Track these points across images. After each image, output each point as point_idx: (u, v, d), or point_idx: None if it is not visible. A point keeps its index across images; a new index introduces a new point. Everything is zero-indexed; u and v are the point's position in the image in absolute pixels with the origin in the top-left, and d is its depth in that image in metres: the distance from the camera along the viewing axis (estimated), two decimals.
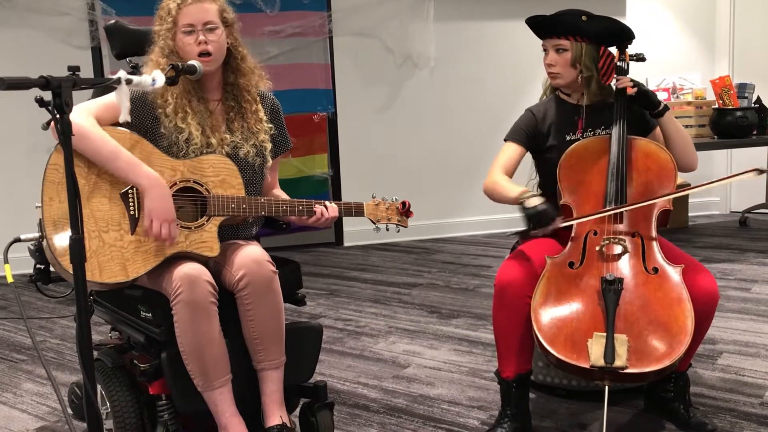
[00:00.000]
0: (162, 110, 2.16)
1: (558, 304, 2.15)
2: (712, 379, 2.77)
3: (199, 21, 2.14)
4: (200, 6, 2.15)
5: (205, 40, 2.14)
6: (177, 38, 2.16)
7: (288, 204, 2.21)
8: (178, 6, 2.14)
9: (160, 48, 2.17)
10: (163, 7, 2.18)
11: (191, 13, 2.14)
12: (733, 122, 4.81)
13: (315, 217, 2.22)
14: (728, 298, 3.76)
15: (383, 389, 2.81)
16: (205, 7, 2.16)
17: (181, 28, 2.14)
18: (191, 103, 2.17)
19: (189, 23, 2.14)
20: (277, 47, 5.12)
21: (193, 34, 2.14)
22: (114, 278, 1.99)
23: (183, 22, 2.14)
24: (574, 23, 2.38)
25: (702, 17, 6.03)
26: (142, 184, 2.02)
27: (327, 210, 2.23)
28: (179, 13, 2.14)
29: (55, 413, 2.69)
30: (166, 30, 2.16)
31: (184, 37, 2.14)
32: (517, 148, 2.48)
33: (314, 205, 2.22)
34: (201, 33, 2.14)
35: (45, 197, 1.95)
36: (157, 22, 2.19)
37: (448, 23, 5.48)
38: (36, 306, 4.07)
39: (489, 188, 2.43)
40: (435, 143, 5.60)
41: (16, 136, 4.80)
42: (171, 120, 2.15)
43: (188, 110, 2.16)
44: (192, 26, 2.14)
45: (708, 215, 6.14)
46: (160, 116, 2.16)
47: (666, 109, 2.44)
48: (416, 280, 4.45)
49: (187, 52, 2.15)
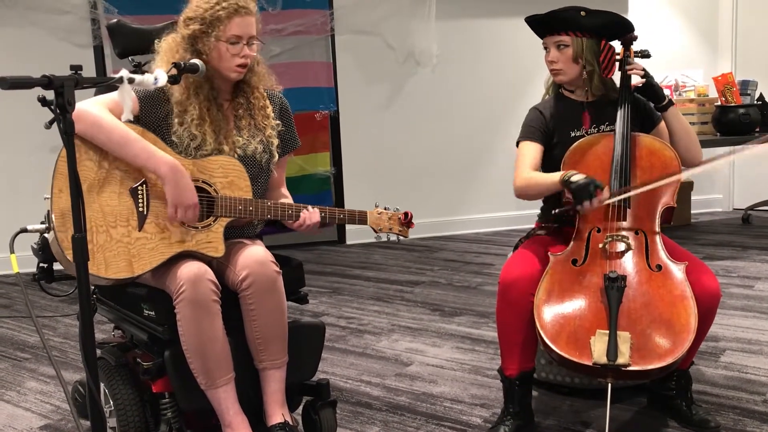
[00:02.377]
0: (178, 119, 2.15)
1: (561, 302, 2.15)
2: (715, 376, 2.77)
3: (247, 34, 2.14)
4: (250, 20, 2.14)
5: (247, 54, 2.14)
6: (218, 45, 2.12)
7: (293, 208, 2.21)
8: (228, 15, 2.11)
9: (195, 50, 2.13)
10: (207, 9, 2.12)
11: (241, 25, 2.12)
12: (735, 119, 4.80)
13: (298, 222, 2.20)
14: (731, 296, 3.76)
15: (386, 387, 2.81)
16: (252, 20, 2.15)
17: (227, 37, 2.12)
18: (210, 112, 2.17)
19: (237, 35, 2.12)
20: (279, 45, 5.12)
21: (238, 45, 2.13)
22: (119, 274, 1.99)
23: (231, 32, 2.11)
24: (574, 19, 2.38)
25: (704, 14, 6.02)
26: (161, 171, 2.01)
27: (309, 215, 2.20)
28: (230, 23, 2.11)
29: (59, 411, 2.69)
30: (215, 37, 2.11)
31: (229, 48, 2.12)
32: (535, 146, 2.45)
33: (301, 209, 2.21)
34: (246, 47, 2.14)
35: (54, 189, 1.95)
36: (195, 23, 2.13)
37: (450, 21, 5.48)
38: (39, 305, 4.08)
39: (524, 185, 2.37)
40: (437, 141, 5.60)
41: (20, 134, 4.81)
42: (186, 128, 2.14)
43: (207, 118, 2.16)
44: (239, 38, 2.13)
45: (711, 212, 6.13)
46: (174, 125, 2.15)
47: (671, 104, 2.44)
48: (419, 278, 4.45)
49: (224, 61, 2.13)
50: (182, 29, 2.16)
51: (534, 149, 2.44)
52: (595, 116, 2.47)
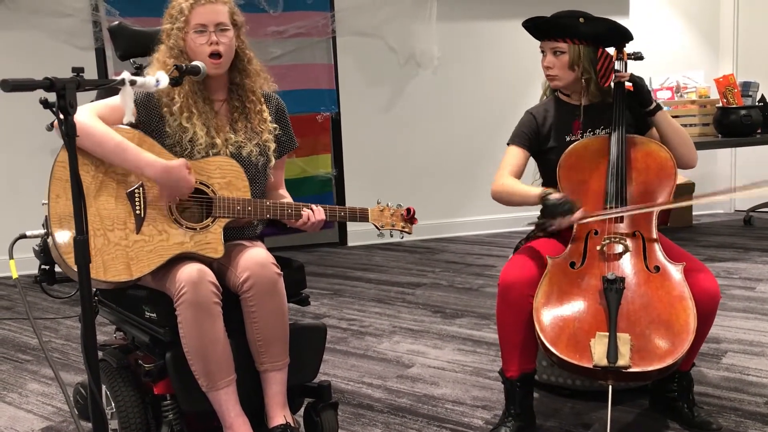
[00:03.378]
0: (167, 109, 2.17)
1: (560, 305, 2.15)
2: (716, 378, 2.77)
3: (212, 21, 2.15)
4: (213, 7, 2.15)
5: (216, 41, 2.15)
6: (188, 38, 2.16)
7: (293, 207, 2.22)
8: (190, 5, 2.14)
9: (169, 47, 2.18)
10: (174, 5, 2.18)
11: (204, 13, 2.14)
12: (737, 121, 4.80)
13: (302, 220, 2.21)
14: (732, 297, 3.75)
15: (387, 389, 2.81)
16: (217, 8, 2.16)
17: (192, 27, 2.14)
18: (197, 104, 2.18)
19: (201, 23, 2.14)
20: (281, 47, 5.13)
21: (205, 34, 2.14)
22: (118, 277, 2.00)
23: (195, 21, 2.14)
24: (572, 25, 2.37)
25: (706, 15, 6.02)
26: (150, 176, 2.04)
27: (314, 213, 2.22)
28: (192, 12, 2.14)
29: (60, 413, 2.70)
30: (177, 29, 2.16)
31: (196, 37, 2.14)
32: (520, 151, 2.47)
33: (302, 208, 2.21)
34: (213, 34, 2.15)
35: (52, 194, 1.96)
36: (166, 21, 2.19)
37: (450, 23, 5.48)
38: (41, 307, 4.09)
39: (499, 191, 2.41)
40: (438, 143, 5.60)
41: (20, 136, 4.82)
42: (176, 119, 2.16)
43: (194, 110, 2.17)
44: (204, 26, 2.14)
45: (712, 214, 6.12)
46: (165, 115, 2.17)
47: (658, 108, 2.43)
48: (420, 279, 4.45)
49: (197, 53, 2.15)
50: (163, 34, 2.21)
51: (516, 154, 2.46)
52: (591, 120, 2.47)
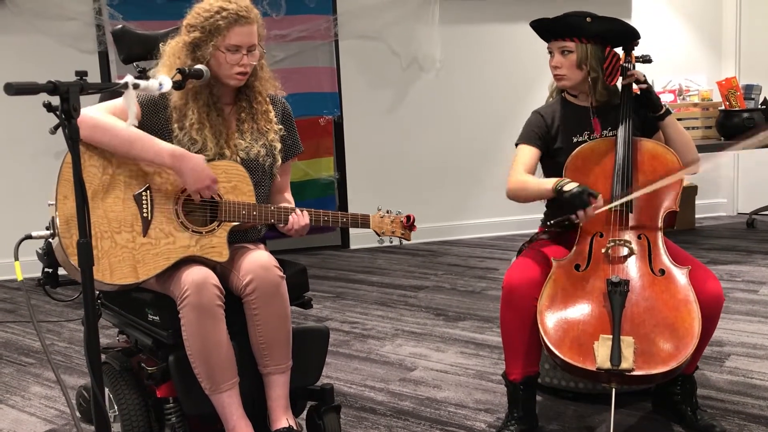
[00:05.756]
0: (178, 124, 2.16)
1: (564, 307, 2.15)
2: (720, 381, 2.76)
3: (247, 43, 2.14)
4: (250, 29, 2.15)
5: (247, 63, 2.15)
6: (218, 53, 2.13)
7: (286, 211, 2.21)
8: (229, 24, 2.11)
9: (195, 57, 2.14)
10: (207, 18, 2.12)
11: (241, 35, 2.13)
12: (739, 124, 4.79)
13: (288, 226, 2.20)
14: (736, 300, 3.75)
15: (390, 392, 2.81)
16: (253, 29, 2.16)
17: (226, 46, 2.12)
18: (209, 117, 2.17)
19: (236, 44, 2.13)
20: (283, 51, 5.13)
21: (238, 54, 2.13)
22: (124, 279, 2.00)
23: (231, 42, 2.12)
24: (579, 25, 2.38)
25: (708, 18, 6.01)
26: (166, 163, 2.04)
27: (298, 218, 2.19)
28: (230, 32, 2.12)
29: (63, 416, 2.70)
30: (213, 46, 2.12)
31: (228, 56, 2.13)
32: (532, 149, 2.47)
33: (291, 213, 2.20)
34: (245, 56, 2.14)
35: (59, 195, 1.96)
36: (197, 30, 2.13)
37: (453, 26, 5.48)
38: (44, 309, 4.09)
39: (517, 188, 2.40)
40: (441, 146, 5.60)
41: (24, 139, 4.82)
42: (186, 133, 2.15)
43: (206, 123, 2.16)
44: (238, 48, 2.13)
45: (715, 216, 6.11)
46: (175, 130, 2.16)
47: (668, 113, 2.44)
48: (423, 282, 4.45)
49: (224, 68, 2.14)
50: (184, 35, 2.17)
51: (530, 153, 2.46)
52: (607, 121, 2.47)
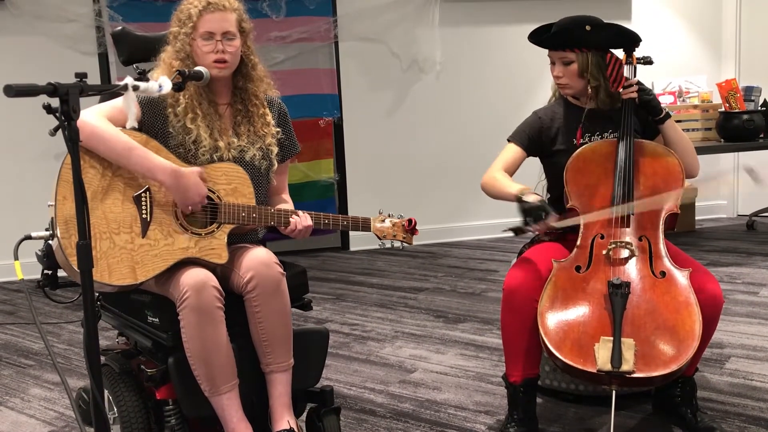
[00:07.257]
0: (172, 110, 2.18)
1: (565, 309, 2.15)
2: (720, 383, 2.76)
3: (219, 30, 2.15)
4: (222, 15, 2.16)
5: (222, 49, 2.16)
6: (194, 43, 2.17)
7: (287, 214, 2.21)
8: (199, 12, 2.15)
9: (176, 50, 2.19)
10: (183, 9, 2.18)
11: (212, 21, 2.15)
12: (739, 125, 4.79)
13: (290, 228, 2.20)
14: (736, 302, 3.74)
15: (390, 394, 2.81)
16: (226, 16, 2.17)
17: (200, 34, 2.15)
18: (201, 105, 2.19)
19: (209, 31, 2.15)
20: (283, 52, 5.13)
21: (212, 41, 2.15)
22: (123, 280, 2.00)
23: (203, 29, 2.15)
24: (578, 35, 2.36)
25: (708, 20, 6.01)
26: (159, 180, 2.04)
27: (300, 220, 2.20)
28: (200, 19, 2.15)
29: (62, 418, 2.70)
30: (185, 34, 2.16)
31: (203, 44, 2.16)
32: (517, 149, 2.49)
33: (290, 215, 2.20)
34: (220, 42, 2.15)
35: (59, 196, 1.96)
36: (175, 23, 2.20)
37: (453, 28, 5.48)
38: (43, 311, 4.09)
39: (487, 183, 2.45)
40: (441, 148, 5.60)
41: (24, 141, 4.82)
42: (180, 120, 2.16)
43: (198, 112, 2.17)
44: (211, 34, 2.15)
45: (715, 219, 6.11)
46: (170, 115, 2.18)
47: (668, 116, 2.44)
48: (422, 284, 4.44)
49: (202, 58, 2.17)
50: (170, 36, 2.21)
51: (514, 152, 2.48)
52: (599, 124, 2.47)
